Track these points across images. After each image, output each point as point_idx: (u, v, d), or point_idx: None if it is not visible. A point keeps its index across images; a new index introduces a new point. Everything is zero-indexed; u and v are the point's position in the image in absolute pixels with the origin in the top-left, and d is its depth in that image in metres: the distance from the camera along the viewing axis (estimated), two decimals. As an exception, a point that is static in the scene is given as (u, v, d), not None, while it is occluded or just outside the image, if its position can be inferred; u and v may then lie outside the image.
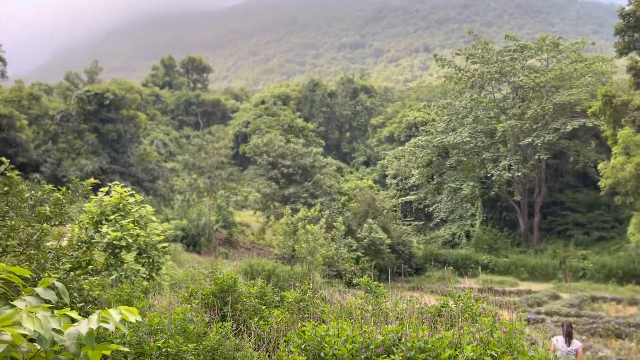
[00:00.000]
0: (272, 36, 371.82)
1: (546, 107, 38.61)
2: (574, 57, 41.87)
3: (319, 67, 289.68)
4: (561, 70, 39.06)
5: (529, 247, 41.43)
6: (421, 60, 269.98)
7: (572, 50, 42.69)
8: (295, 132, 68.66)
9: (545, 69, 42.97)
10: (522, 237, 43.11)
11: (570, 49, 42.88)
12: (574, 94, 37.42)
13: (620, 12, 33.34)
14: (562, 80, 39.43)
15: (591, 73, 39.88)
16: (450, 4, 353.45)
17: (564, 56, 42.71)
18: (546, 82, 39.33)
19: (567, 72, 39.14)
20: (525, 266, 36.50)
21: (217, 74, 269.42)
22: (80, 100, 43.55)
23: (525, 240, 42.77)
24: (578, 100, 38.03)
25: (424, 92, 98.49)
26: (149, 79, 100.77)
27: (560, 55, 43.14)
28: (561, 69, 39.25)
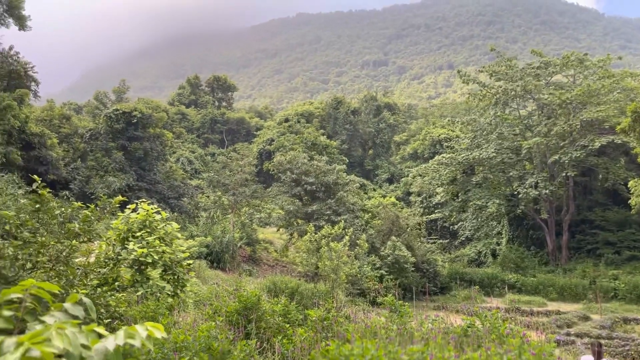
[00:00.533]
0: (296, 55, 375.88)
1: (573, 124, 37.98)
2: (601, 73, 41.19)
3: (342, 85, 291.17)
4: (588, 87, 38.41)
5: (558, 266, 40.50)
6: (445, 77, 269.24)
7: (599, 66, 42.04)
8: (319, 149, 68.90)
9: (572, 85, 42.39)
10: (550, 256, 42.18)
11: (596, 65, 42.24)
12: (602, 110, 36.72)
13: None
14: (589, 96, 38.77)
15: (619, 89, 39.14)
16: (474, 21, 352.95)
17: (591, 72, 42.07)
18: (573, 98, 38.71)
19: (594, 89, 38.48)
20: (553, 286, 35.63)
21: (242, 93, 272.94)
22: (108, 119, 44.52)
23: (554, 259, 41.83)
24: (606, 117, 37.32)
25: (447, 109, 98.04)
26: (175, 97, 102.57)
27: (587, 72, 42.51)
28: (589, 85, 38.61)
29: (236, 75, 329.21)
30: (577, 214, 42.79)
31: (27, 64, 38.82)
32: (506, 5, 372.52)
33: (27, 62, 38.81)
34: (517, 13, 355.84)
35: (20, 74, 37.36)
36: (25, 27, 37.67)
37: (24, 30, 37.54)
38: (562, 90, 40.69)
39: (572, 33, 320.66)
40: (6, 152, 32.95)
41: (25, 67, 38.37)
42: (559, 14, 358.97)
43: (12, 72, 36.43)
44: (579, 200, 43.63)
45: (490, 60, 65.54)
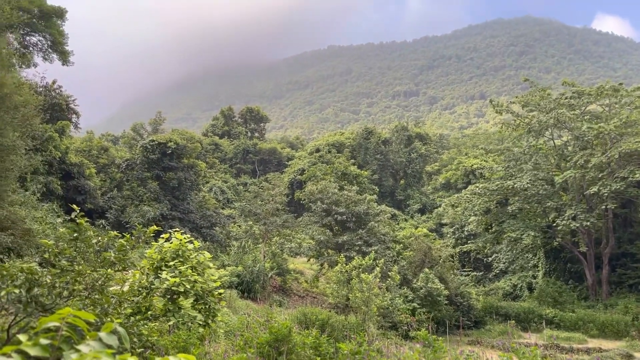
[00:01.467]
0: (327, 86, 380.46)
1: (611, 155, 37.05)
2: (638, 103, 40.28)
3: (372, 116, 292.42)
4: (627, 118, 37.56)
5: (598, 301, 38.96)
6: (477, 107, 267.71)
7: (636, 95, 41.14)
8: (350, 179, 68.88)
9: (607, 114, 41.52)
10: (590, 291, 40.67)
11: (633, 94, 41.34)
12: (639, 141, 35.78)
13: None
14: (626, 127, 37.88)
15: (659, 118, 38.15)
16: (506, 52, 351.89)
17: (627, 102, 41.17)
18: (610, 130, 37.86)
19: (632, 119, 37.60)
20: (594, 322, 34.23)
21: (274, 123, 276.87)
22: (144, 150, 45.67)
23: (594, 294, 40.31)
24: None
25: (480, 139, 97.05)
26: (209, 128, 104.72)
27: (623, 101, 41.61)
28: (627, 117, 37.74)
29: (268, 106, 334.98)
30: (618, 247, 41.32)
31: (69, 97, 40.43)
32: (538, 35, 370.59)
33: (69, 96, 40.44)
34: (550, 43, 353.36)
35: (63, 107, 38.89)
36: (68, 62, 39.43)
37: (67, 65, 39.29)
38: (598, 121, 39.87)
39: (608, 62, 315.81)
40: (47, 182, 34.05)
41: (67, 100, 39.95)
42: (593, 43, 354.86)
43: (55, 105, 37.96)
44: (619, 233, 42.18)
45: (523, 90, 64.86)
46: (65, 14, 38.60)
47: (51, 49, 37.82)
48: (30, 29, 36.71)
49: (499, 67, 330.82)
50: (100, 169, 45.56)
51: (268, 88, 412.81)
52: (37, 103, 19.83)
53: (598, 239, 41.55)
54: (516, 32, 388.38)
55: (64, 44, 38.40)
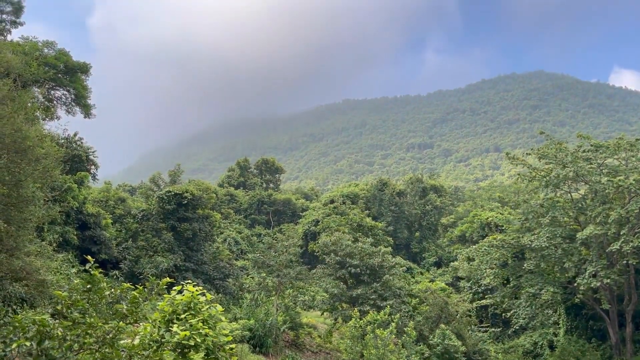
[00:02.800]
0: (342, 138, 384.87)
1: (631, 210, 36.49)
2: (657, 157, 40.02)
3: (387, 167, 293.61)
4: (646, 172, 37.25)
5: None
6: (492, 159, 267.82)
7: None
8: (364, 230, 68.45)
9: (625, 169, 41.20)
10: (614, 350, 39.12)
11: (649, 148, 41.11)
12: (660, 195, 35.30)
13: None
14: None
15: (677, 173, 37.71)
16: (520, 105, 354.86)
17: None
18: (629, 184, 37.48)
19: (651, 173, 37.26)
20: (620, 383, 32.76)
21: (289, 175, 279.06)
22: (160, 200, 46.14)
23: (617, 352, 38.74)
24: (666, 201, 35.75)
25: (496, 192, 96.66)
26: (224, 179, 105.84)
27: None
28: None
29: (284, 158, 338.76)
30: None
31: (89, 149, 41.40)
32: (552, 90, 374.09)
33: (89, 147, 41.43)
34: (564, 97, 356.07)
35: (83, 159, 39.78)
36: (90, 115, 40.66)
37: (89, 118, 40.51)
38: (617, 174, 39.50)
39: (622, 116, 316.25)
40: (63, 232, 34.39)
41: (87, 152, 40.90)
42: (607, 98, 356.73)
43: (75, 156, 38.87)
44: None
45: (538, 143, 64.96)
46: (90, 69, 40.15)
47: (74, 102, 39.12)
48: (55, 83, 38.13)
49: (513, 120, 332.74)
50: (116, 219, 45.95)
51: (284, 140, 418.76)
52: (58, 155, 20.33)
53: (620, 296, 40.34)
54: (529, 86, 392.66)
55: (87, 97, 39.73)
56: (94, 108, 41.30)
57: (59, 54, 37.94)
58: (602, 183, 39.21)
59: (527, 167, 45.73)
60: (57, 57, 37.66)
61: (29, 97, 19.48)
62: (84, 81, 40.01)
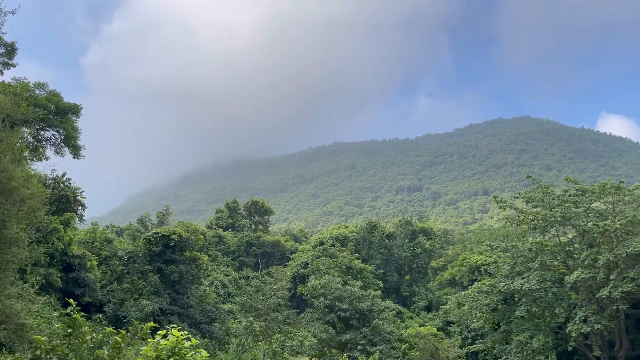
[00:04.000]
0: (332, 180, 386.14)
1: (619, 254, 36.60)
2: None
3: (376, 210, 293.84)
4: (633, 217, 37.58)
5: (617, 409, 36.70)
6: (480, 203, 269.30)
7: (638, 194, 41.41)
8: (354, 273, 67.81)
9: (612, 212, 41.56)
10: (608, 397, 38.43)
11: (634, 192, 41.63)
12: (647, 241, 35.50)
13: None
14: (632, 225, 37.78)
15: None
16: (507, 149, 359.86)
17: (630, 200, 41.36)
18: (615, 228, 37.75)
19: (638, 218, 37.58)
20: None
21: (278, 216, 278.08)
22: (147, 242, 45.63)
23: (612, 400, 38.06)
24: (653, 248, 35.91)
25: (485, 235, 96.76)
26: (213, 221, 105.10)
27: (626, 199, 41.80)
28: (634, 216, 37.76)
29: (273, 199, 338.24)
30: (632, 349, 39.62)
31: (77, 190, 41.12)
32: (538, 134, 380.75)
33: (77, 188, 41.15)
34: (550, 142, 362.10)
35: (70, 199, 39.45)
36: (79, 156, 40.49)
37: (78, 159, 40.32)
38: (603, 218, 39.79)
39: (608, 161, 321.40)
40: (47, 274, 33.72)
41: (75, 193, 40.60)
42: (592, 142, 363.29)
43: (63, 197, 38.55)
44: (633, 335, 40.64)
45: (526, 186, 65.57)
46: (80, 110, 40.26)
47: (64, 143, 39.04)
48: (45, 124, 38.15)
49: (500, 164, 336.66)
50: (102, 261, 45.23)
51: (274, 182, 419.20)
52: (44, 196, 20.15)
53: (611, 342, 39.94)
54: (516, 130, 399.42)
55: (77, 138, 39.70)
56: (84, 149, 41.21)
57: (50, 95, 38.13)
58: (588, 226, 39.47)
59: (515, 211, 45.97)
60: (48, 98, 37.84)
61: (17, 137, 19.45)
62: (74, 122, 40.05)
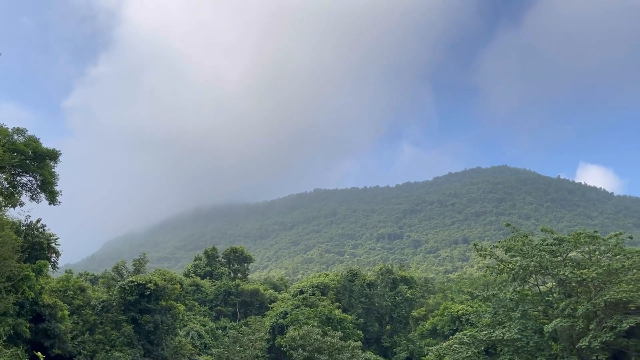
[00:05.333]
0: (313, 227, 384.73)
1: (597, 304, 36.72)
2: (617, 250, 41.04)
3: (357, 257, 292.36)
4: (608, 266, 38.03)
5: None
6: (460, 251, 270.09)
7: (613, 243, 42.02)
8: (334, 323, 66.60)
9: (588, 261, 41.97)
10: None
11: (609, 242, 42.25)
12: (624, 290, 35.77)
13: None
14: (608, 274, 38.15)
15: (638, 267, 38.57)
16: (486, 198, 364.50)
17: (606, 249, 41.92)
18: (592, 277, 38.07)
19: (614, 267, 38.03)
20: None
21: (258, 264, 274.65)
22: (122, 291, 44.48)
23: None
24: (630, 297, 36.18)
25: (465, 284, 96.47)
26: (191, 268, 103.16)
27: (602, 248, 42.33)
28: (609, 265, 38.21)
29: (253, 246, 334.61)
30: (615, 402, 39.11)
31: (52, 236, 40.14)
32: (516, 184, 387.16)
33: (51, 235, 40.18)
34: (527, 191, 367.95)
35: (43, 246, 38.45)
36: (55, 202, 39.77)
37: (54, 205, 39.57)
38: (581, 267, 40.11)
39: (584, 211, 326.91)
40: (15, 324, 32.43)
41: (49, 240, 39.63)
42: (568, 192, 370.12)
43: (36, 244, 37.58)
44: (615, 386, 40.22)
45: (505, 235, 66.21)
46: (59, 156, 39.85)
47: (40, 189, 38.41)
48: (22, 169, 37.60)
49: (480, 212, 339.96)
50: (74, 311, 43.77)
51: (254, 228, 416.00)
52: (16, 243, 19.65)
53: (593, 393, 39.45)
54: (494, 179, 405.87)
55: (54, 184, 39.11)
56: (60, 194, 40.49)
57: (29, 141, 37.78)
58: (566, 275, 39.73)
59: (495, 260, 46.13)
60: (27, 143, 37.47)
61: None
62: (52, 167, 39.57)
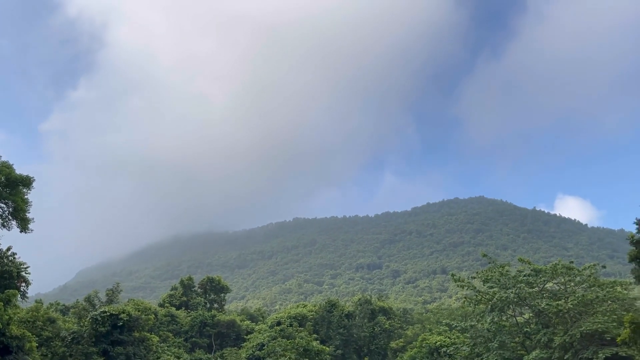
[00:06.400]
0: (292, 257, 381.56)
1: (573, 335, 36.90)
2: (591, 281, 41.53)
3: (336, 287, 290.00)
4: (583, 297, 38.41)
5: None
6: (439, 281, 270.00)
7: (587, 274, 42.54)
8: (311, 356, 65.54)
9: (564, 292, 42.33)
10: None
11: (584, 273, 42.77)
12: (599, 321, 36.07)
13: (630, 239, 33.78)
14: (584, 305, 38.49)
15: (612, 298, 39.05)
16: (463, 229, 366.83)
17: (581, 280, 42.40)
18: (568, 308, 38.38)
19: (589, 298, 38.41)
20: None
21: (235, 294, 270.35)
22: (94, 321, 43.28)
23: None
24: (605, 328, 36.47)
25: (444, 315, 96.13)
26: (166, 299, 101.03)
27: (577, 279, 42.81)
28: (583, 296, 38.60)
29: (231, 276, 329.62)
30: None
31: (22, 265, 39.00)
32: (493, 214, 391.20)
33: (22, 263, 39.03)
34: (504, 222, 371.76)
35: (13, 275, 37.29)
36: (27, 230, 38.74)
37: (26, 232, 38.53)
38: (557, 298, 40.42)
39: (559, 242, 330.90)
40: (-21, 357, 31.16)
41: (19, 268, 38.49)
42: (544, 224, 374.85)
43: (5, 272, 36.46)
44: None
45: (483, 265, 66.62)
46: (32, 182, 39.06)
47: (12, 216, 37.48)
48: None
49: (458, 243, 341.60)
50: (42, 342, 42.34)
51: (232, 257, 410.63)
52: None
53: None
54: (472, 210, 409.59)
55: (26, 211, 38.23)
56: (33, 222, 39.50)
57: (2, 167, 37.03)
58: (543, 306, 39.98)
59: (473, 290, 46.25)
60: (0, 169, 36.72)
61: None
62: (25, 194, 38.71)
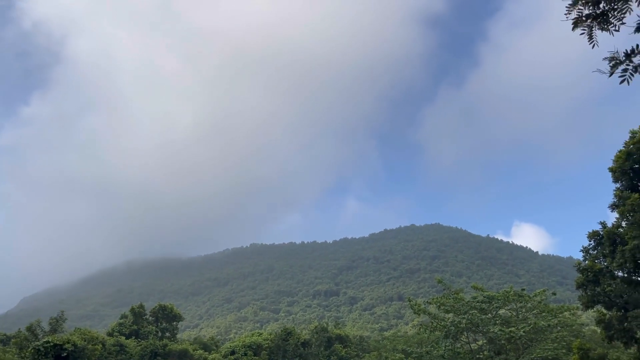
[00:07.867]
0: (248, 283, 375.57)
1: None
2: (541, 307, 42.51)
3: (293, 315, 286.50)
4: (535, 324, 39.23)
5: None
6: (395, 308, 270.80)
7: (538, 300, 43.56)
8: (266, 386, 64.08)
9: (516, 319, 43.11)
10: None
11: (535, 299, 43.79)
12: (549, 348, 36.85)
13: (577, 267, 34.90)
14: (535, 332, 39.27)
15: (561, 325, 40.03)
16: (420, 255, 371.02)
17: (532, 306, 43.34)
18: (520, 335, 39.06)
19: (539, 325, 39.24)
20: None
21: (189, 322, 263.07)
22: (36, 352, 40.96)
23: None
24: (555, 355, 37.26)
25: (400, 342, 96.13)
26: (115, 327, 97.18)
27: (528, 305, 43.74)
28: (535, 323, 39.42)
29: (184, 303, 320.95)
30: None
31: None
32: (448, 242, 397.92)
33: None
34: (459, 249, 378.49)
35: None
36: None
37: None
38: (509, 325, 41.09)
39: (512, 269, 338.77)
40: None
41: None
42: (497, 251, 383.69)
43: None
44: None
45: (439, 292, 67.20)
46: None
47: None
48: None
49: (414, 269, 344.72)
50: (-23, 375, 39.73)
51: (186, 284, 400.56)
52: None
53: None
54: (428, 237, 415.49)
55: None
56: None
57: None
58: (495, 333, 40.53)
59: (428, 317, 46.48)
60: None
61: None
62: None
